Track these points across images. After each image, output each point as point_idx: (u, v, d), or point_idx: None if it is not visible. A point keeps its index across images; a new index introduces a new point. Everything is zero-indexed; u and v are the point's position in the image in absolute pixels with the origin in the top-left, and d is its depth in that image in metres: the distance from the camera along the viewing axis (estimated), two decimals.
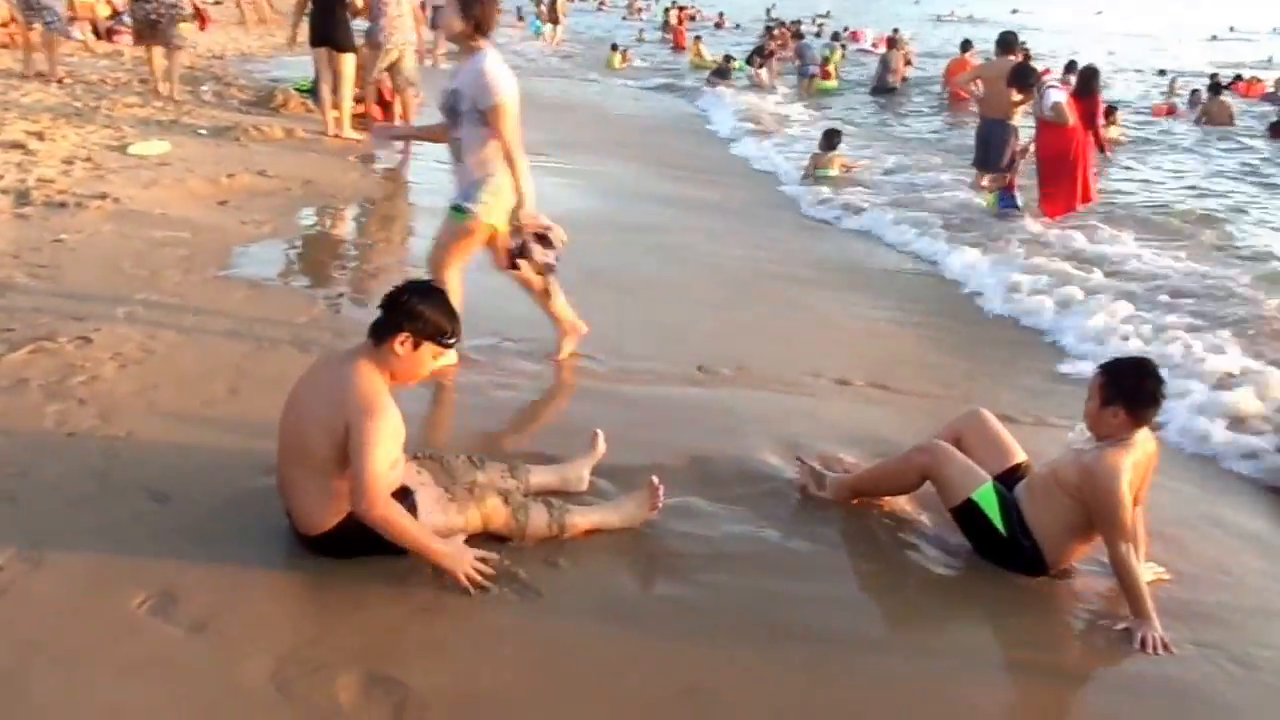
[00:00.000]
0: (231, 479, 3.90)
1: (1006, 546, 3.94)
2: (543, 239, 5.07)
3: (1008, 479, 4.10)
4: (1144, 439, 3.93)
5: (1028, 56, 14.89)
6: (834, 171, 12.74)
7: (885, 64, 22.96)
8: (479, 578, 3.39)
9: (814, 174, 12.72)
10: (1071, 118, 10.32)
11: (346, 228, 8.23)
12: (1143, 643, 3.55)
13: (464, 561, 3.41)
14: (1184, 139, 18.24)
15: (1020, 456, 4.25)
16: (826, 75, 23.56)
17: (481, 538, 3.64)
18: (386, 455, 3.30)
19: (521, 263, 5.10)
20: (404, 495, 3.47)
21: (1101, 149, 12.84)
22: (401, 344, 3.40)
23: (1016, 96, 10.96)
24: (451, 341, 3.54)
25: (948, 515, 4.12)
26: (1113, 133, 16.08)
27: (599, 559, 3.70)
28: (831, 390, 5.80)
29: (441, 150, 5.34)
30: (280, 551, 3.48)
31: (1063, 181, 10.53)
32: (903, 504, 4.35)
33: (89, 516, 3.59)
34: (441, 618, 3.26)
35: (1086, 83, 12.78)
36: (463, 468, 3.90)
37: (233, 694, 2.80)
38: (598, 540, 3.80)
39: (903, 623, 3.67)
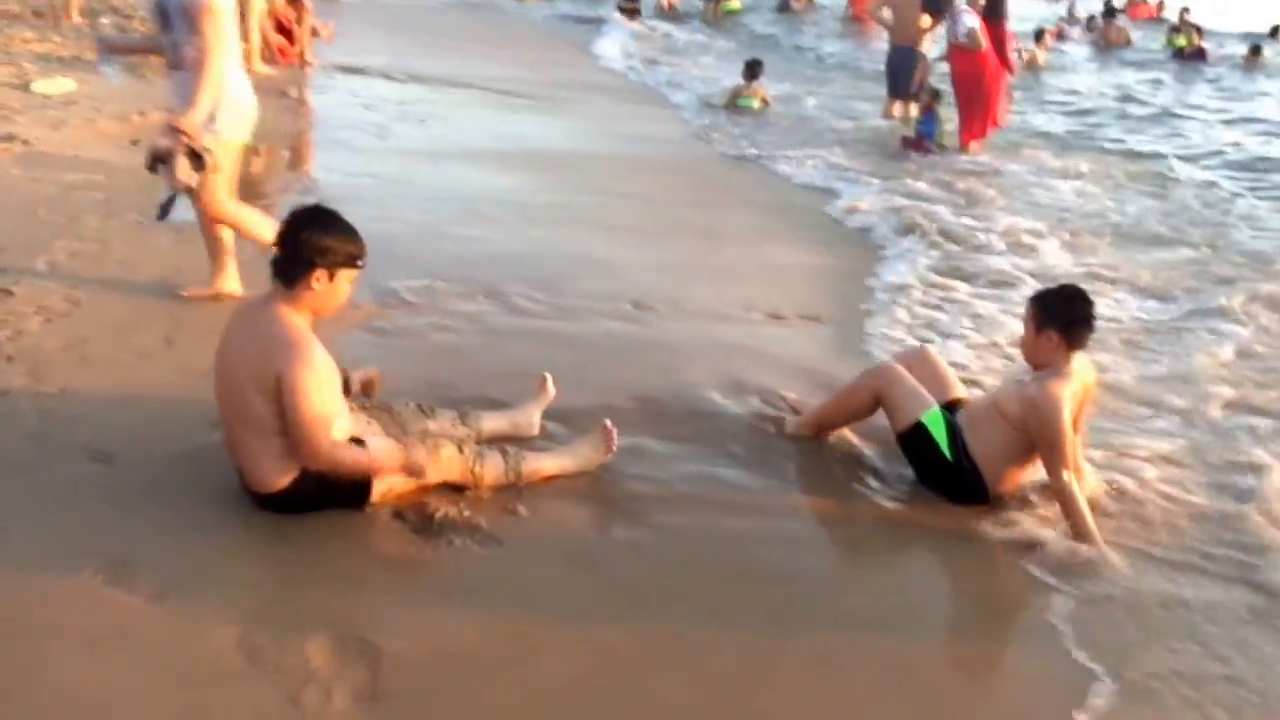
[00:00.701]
0: (175, 435, 3.79)
1: (951, 472, 4.01)
2: (196, 157, 4.63)
3: (948, 411, 4.17)
4: (1083, 368, 4.04)
5: None
6: (755, 103, 12.59)
7: None
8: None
9: (735, 104, 12.56)
10: (984, 42, 10.33)
11: (265, 165, 7.99)
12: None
13: (418, 453, 3.43)
14: (1092, 61, 18.48)
15: (960, 391, 4.35)
16: None
17: (437, 487, 3.60)
18: (323, 399, 3.22)
19: (160, 167, 4.65)
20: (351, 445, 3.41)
21: (1010, 72, 12.93)
22: (317, 280, 3.28)
23: (926, 22, 10.95)
24: (363, 263, 3.42)
25: (895, 441, 4.19)
26: (1040, 58, 16.29)
27: (557, 505, 3.69)
28: (765, 324, 5.81)
29: (352, 83, 5.17)
30: (234, 510, 3.40)
31: (976, 107, 10.60)
32: (849, 436, 4.40)
33: (29, 482, 3.46)
34: (406, 572, 3.23)
35: (994, 7, 12.88)
36: (412, 416, 3.84)
37: (202, 664, 2.74)
38: (554, 486, 3.78)
39: (858, 560, 3.74)
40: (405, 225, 6.69)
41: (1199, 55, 18.97)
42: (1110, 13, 21.55)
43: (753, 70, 12.83)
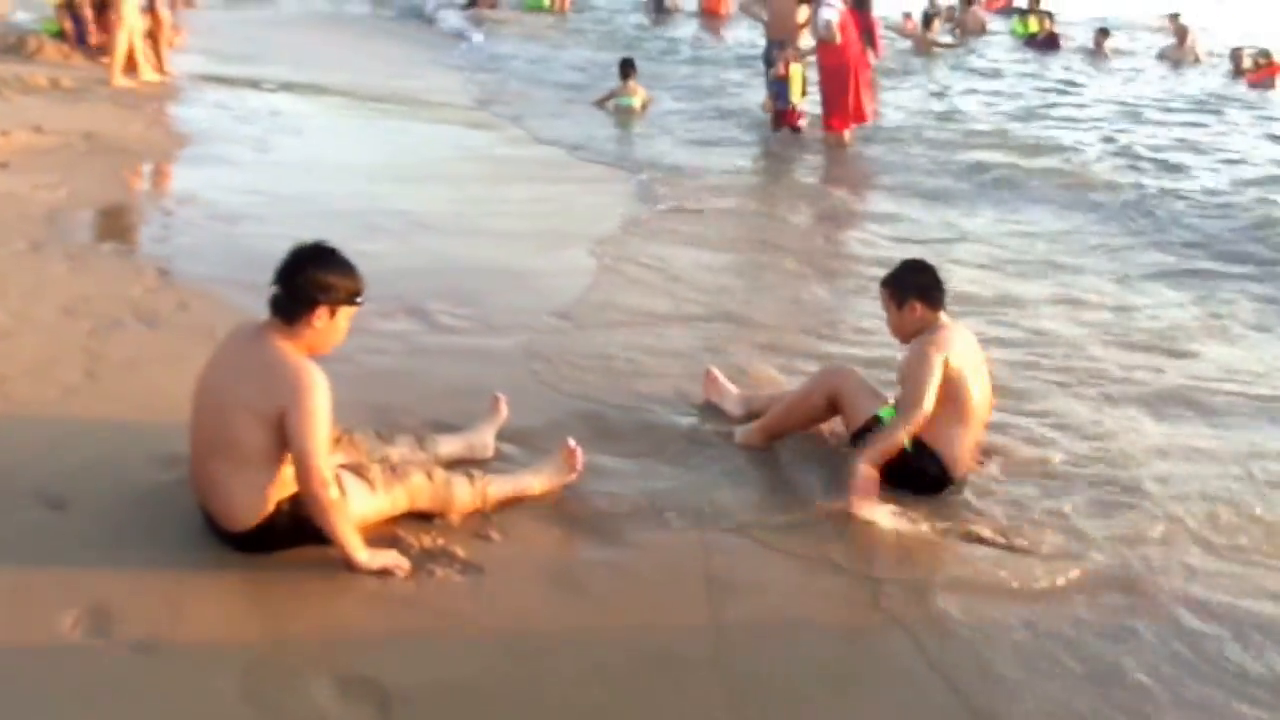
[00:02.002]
0: (125, 475, 3.62)
1: (910, 461, 4.04)
2: None
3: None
4: (958, 330, 4.21)
5: None
6: (635, 102, 12.50)
7: None
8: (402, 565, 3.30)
9: (614, 105, 12.52)
10: (840, 36, 10.47)
11: (147, 183, 7.68)
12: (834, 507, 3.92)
13: (381, 558, 3.29)
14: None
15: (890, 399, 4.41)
16: None
17: (406, 516, 3.54)
18: (324, 434, 3.18)
19: None
20: None
21: (876, 56, 13.45)
22: (319, 319, 3.24)
23: (803, 15, 10.97)
24: (363, 300, 3.39)
25: (849, 441, 4.25)
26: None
27: (529, 528, 3.65)
28: (686, 326, 5.81)
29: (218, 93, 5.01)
30: (203, 551, 3.26)
31: (839, 98, 10.79)
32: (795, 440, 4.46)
33: None
34: (393, 606, 3.14)
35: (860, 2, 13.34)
36: (371, 442, 3.76)
37: (208, 716, 2.64)
38: (520, 508, 3.73)
39: (832, 562, 3.79)
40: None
41: (1051, 42, 18.86)
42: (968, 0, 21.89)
43: (625, 70, 12.75)
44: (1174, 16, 19.09)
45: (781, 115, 11.09)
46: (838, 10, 10.49)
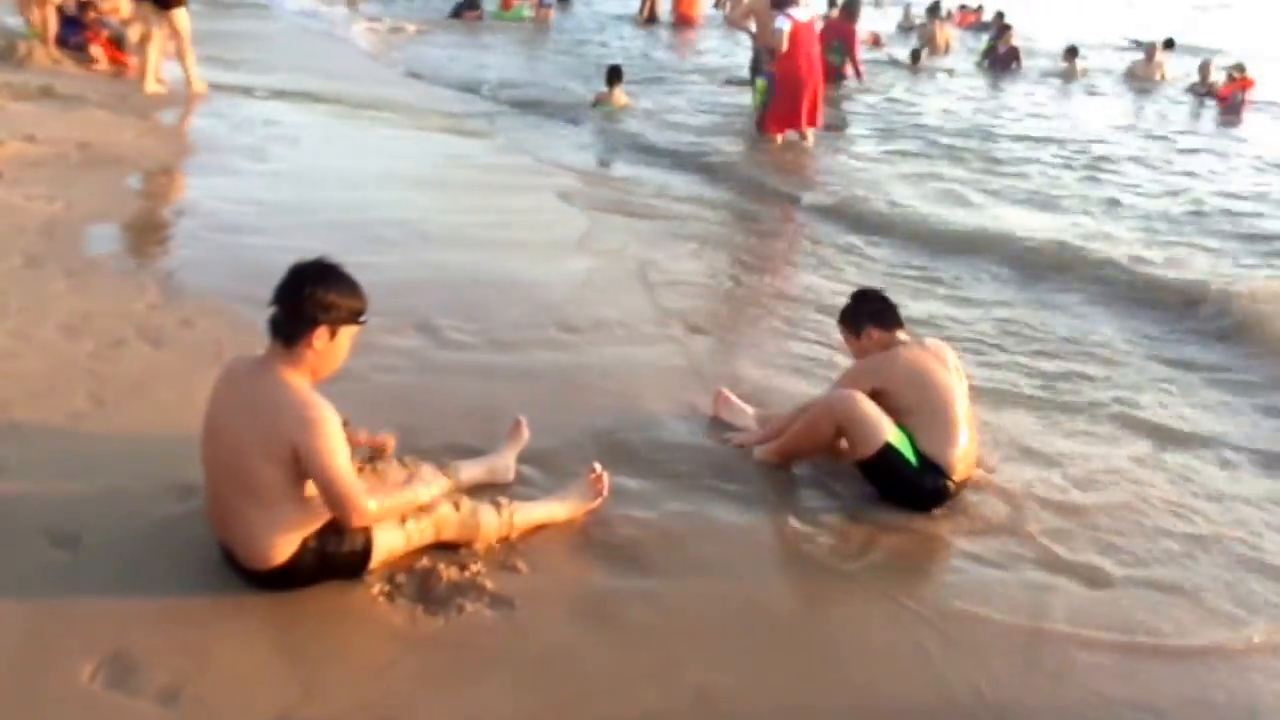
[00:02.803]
0: (138, 509, 3.49)
1: (916, 478, 4.04)
2: None
3: None
4: (918, 345, 4.32)
5: None
6: (614, 106, 12.89)
7: None
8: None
9: (600, 107, 12.87)
10: (786, 45, 10.75)
11: (146, 193, 7.52)
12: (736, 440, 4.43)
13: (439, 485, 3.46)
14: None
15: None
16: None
17: (430, 547, 3.42)
18: (347, 459, 3.07)
19: None
20: None
21: (858, 74, 14.74)
22: (319, 339, 3.10)
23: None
24: (365, 319, 3.26)
25: (854, 466, 4.20)
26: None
27: (557, 557, 3.55)
28: (688, 338, 5.75)
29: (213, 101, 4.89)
30: (225, 592, 3.14)
31: (783, 103, 11.07)
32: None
33: None
34: (423, 647, 3.03)
35: (850, 10, 13.58)
36: (395, 471, 3.64)
37: None
38: (546, 536, 3.64)
39: (868, 585, 3.68)
40: (306, 255, 6.35)
41: (1011, 55, 18.75)
42: (935, 9, 21.85)
43: (613, 77, 13.07)
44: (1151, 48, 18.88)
45: (763, 121, 11.46)
46: (790, 21, 10.77)
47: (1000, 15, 21.11)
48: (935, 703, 3.07)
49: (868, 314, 4.39)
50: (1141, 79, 17.99)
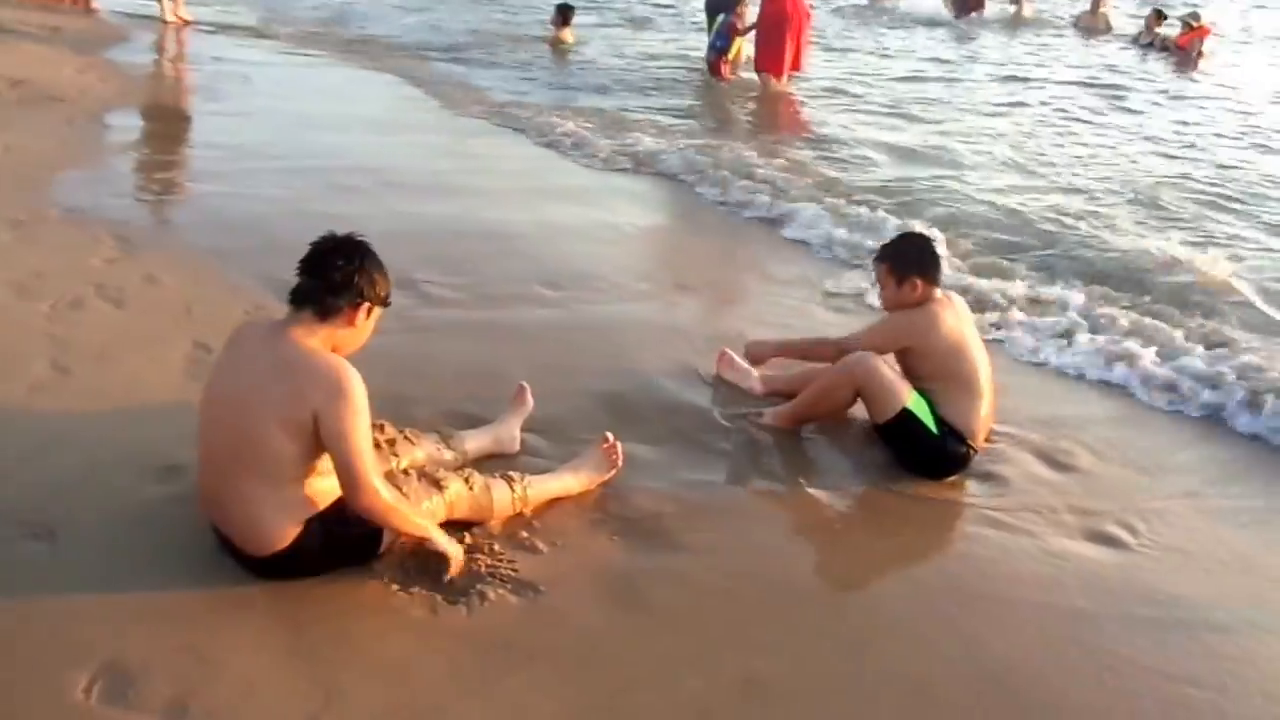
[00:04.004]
0: (117, 492, 3.21)
1: (937, 445, 3.89)
2: None
3: None
4: (951, 304, 4.06)
5: None
6: (572, 43, 12.82)
7: None
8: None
9: (556, 47, 12.65)
10: None
11: (92, 136, 7.06)
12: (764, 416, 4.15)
13: (459, 549, 3.06)
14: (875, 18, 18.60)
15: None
16: None
17: (443, 526, 3.16)
18: (367, 436, 2.84)
19: None
20: None
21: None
22: (361, 315, 2.92)
23: None
24: (390, 301, 3.07)
25: (873, 429, 4.05)
26: None
27: (575, 534, 3.33)
28: (677, 295, 5.55)
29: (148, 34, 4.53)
30: (223, 582, 2.88)
31: (774, 47, 10.97)
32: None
33: None
34: (450, 642, 2.78)
35: None
36: (400, 445, 3.38)
37: None
38: (561, 511, 3.43)
39: (893, 556, 3.53)
40: (273, 205, 6.03)
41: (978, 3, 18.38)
42: None
43: (565, 16, 12.84)
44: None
45: (713, 64, 11.49)
46: None
47: None
48: (972, 678, 2.88)
49: (917, 262, 4.02)
50: (1087, 28, 17.80)
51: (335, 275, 2.86)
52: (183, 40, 10.06)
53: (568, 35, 12.86)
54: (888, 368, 4.01)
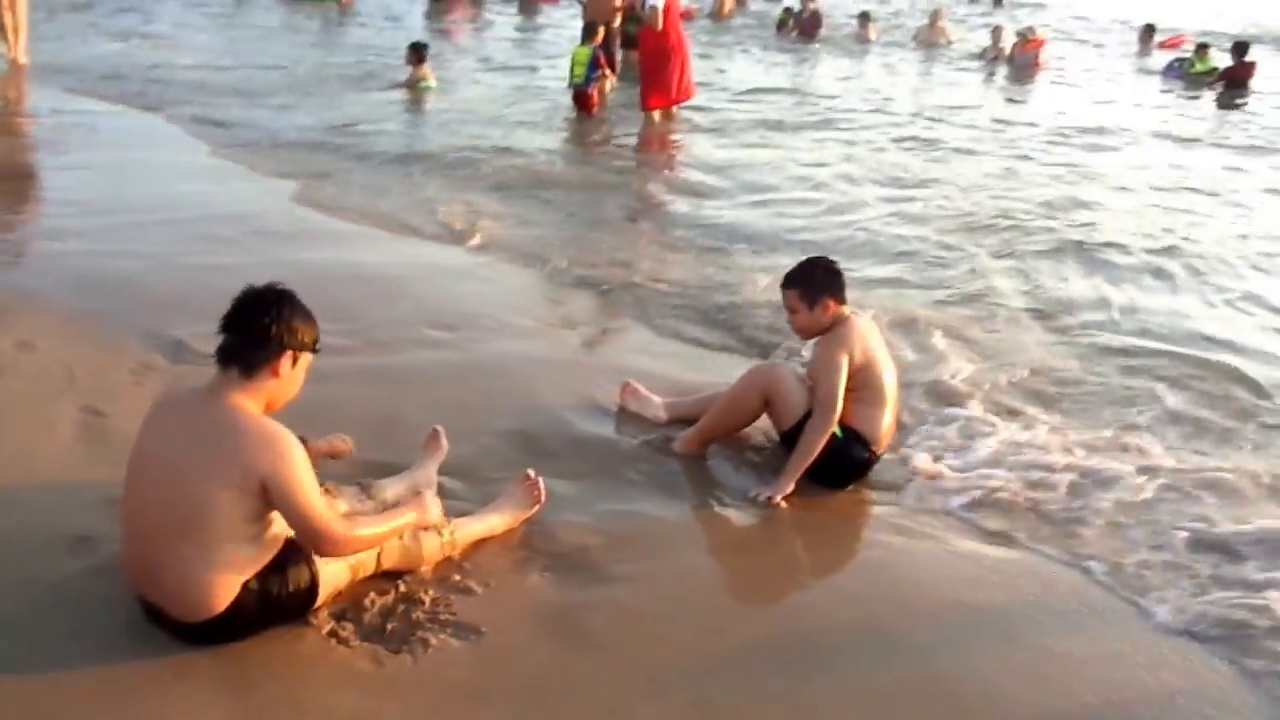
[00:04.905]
0: (30, 570, 3.08)
1: (841, 450, 4.01)
2: None
3: None
4: (862, 320, 4.20)
5: None
6: (432, 84, 12.28)
7: None
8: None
9: (415, 86, 12.15)
10: (663, 21, 10.68)
11: None
12: (763, 496, 3.92)
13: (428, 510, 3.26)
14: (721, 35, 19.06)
15: None
16: None
17: (372, 577, 3.15)
18: (316, 488, 2.83)
19: None
20: (295, 547, 2.92)
21: None
22: (284, 366, 2.88)
23: (618, 1, 11.51)
24: (320, 347, 3.04)
25: (779, 439, 4.19)
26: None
27: (506, 573, 3.34)
28: (563, 331, 5.60)
29: None
30: (158, 653, 2.79)
31: (658, 78, 10.99)
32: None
33: None
34: (403, 693, 2.77)
35: None
36: (346, 496, 3.36)
37: None
38: (489, 551, 3.44)
39: (819, 571, 3.69)
40: (141, 261, 5.86)
41: (814, 22, 18.92)
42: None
43: (418, 54, 12.45)
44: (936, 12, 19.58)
45: (579, 97, 11.24)
46: None
47: None
48: (916, 682, 3.01)
49: (825, 284, 4.10)
50: (926, 43, 18.63)
51: (254, 329, 2.84)
52: (21, 89, 9.63)
53: (426, 73, 12.35)
54: (793, 375, 4.15)
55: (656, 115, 11.10)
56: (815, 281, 4.11)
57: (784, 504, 3.91)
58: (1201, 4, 24.53)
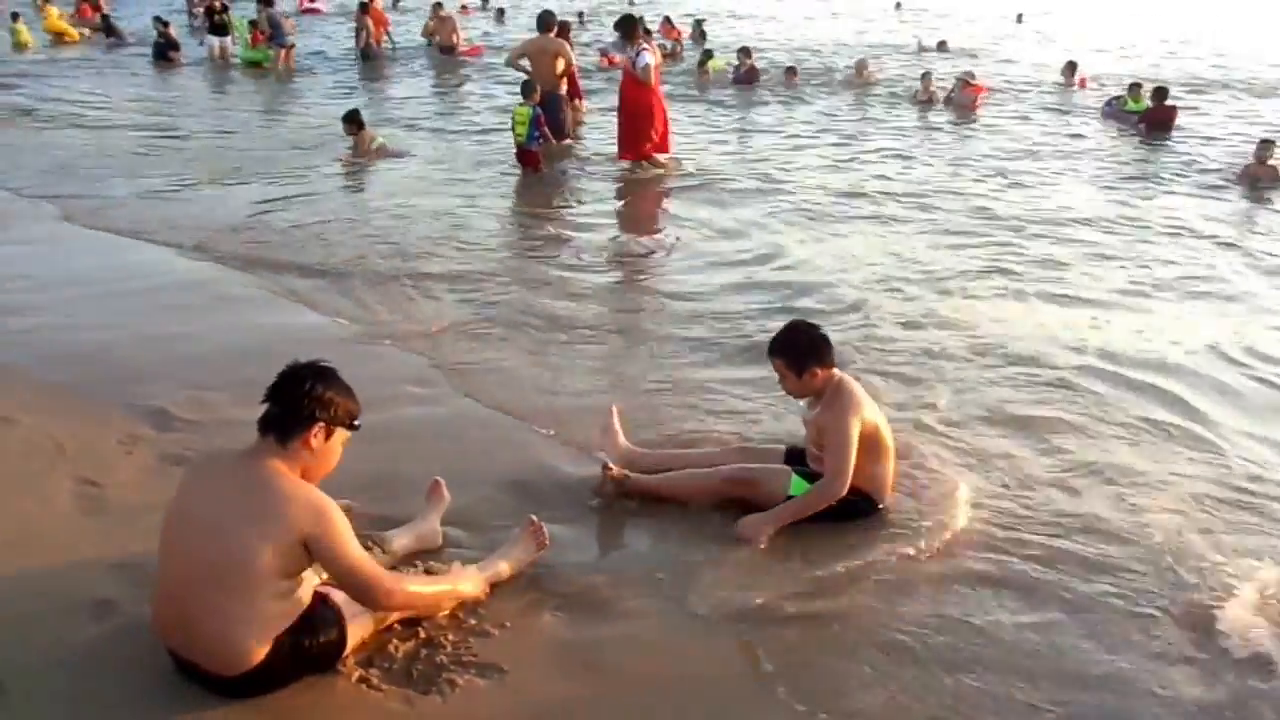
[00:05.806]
0: (55, 637, 3.15)
1: (847, 507, 4.07)
2: None
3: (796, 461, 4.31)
4: (854, 388, 4.17)
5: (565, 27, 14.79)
6: (376, 144, 12.16)
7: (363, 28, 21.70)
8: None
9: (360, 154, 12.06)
10: (653, 80, 11.02)
11: None
12: (744, 537, 3.97)
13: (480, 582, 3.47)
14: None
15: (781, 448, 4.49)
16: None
17: (390, 627, 3.24)
18: (358, 544, 2.98)
19: None
20: (323, 602, 3.02)
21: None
22: (315, 437, 2.98)
23: (560, 67, 11.79)
24: (359, 424, 3.14)
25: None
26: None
27: (519, 615, 3.45)
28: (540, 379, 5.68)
29: None
30: (192, 709, 2.87)
31: (638, 131, 11.24)
32: None
33: None
34: None
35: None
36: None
37: None
38: (500, 595, 3.54)
39: (823, 604, 3.74)
40: (111, 332, 5.89)
41: (752, 75, 19.05)
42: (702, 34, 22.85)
43: (356, 120, 12.28)
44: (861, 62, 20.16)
45: (523, 154, 11.16)
46: (656, 55, 11.11)
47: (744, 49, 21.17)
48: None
49: (810, 351, 4.11)
50: (856, 86, 19.13)
51: (288, 399, 2.97)
52: None
53: (369, 138, 12.03)
54: (760, 469, 4.20)
55: (661, 158, 11.32)
56: (800, 349, 4.12)
57: (763, 546, 3.95)
58: (1148, 51, 25.40)
